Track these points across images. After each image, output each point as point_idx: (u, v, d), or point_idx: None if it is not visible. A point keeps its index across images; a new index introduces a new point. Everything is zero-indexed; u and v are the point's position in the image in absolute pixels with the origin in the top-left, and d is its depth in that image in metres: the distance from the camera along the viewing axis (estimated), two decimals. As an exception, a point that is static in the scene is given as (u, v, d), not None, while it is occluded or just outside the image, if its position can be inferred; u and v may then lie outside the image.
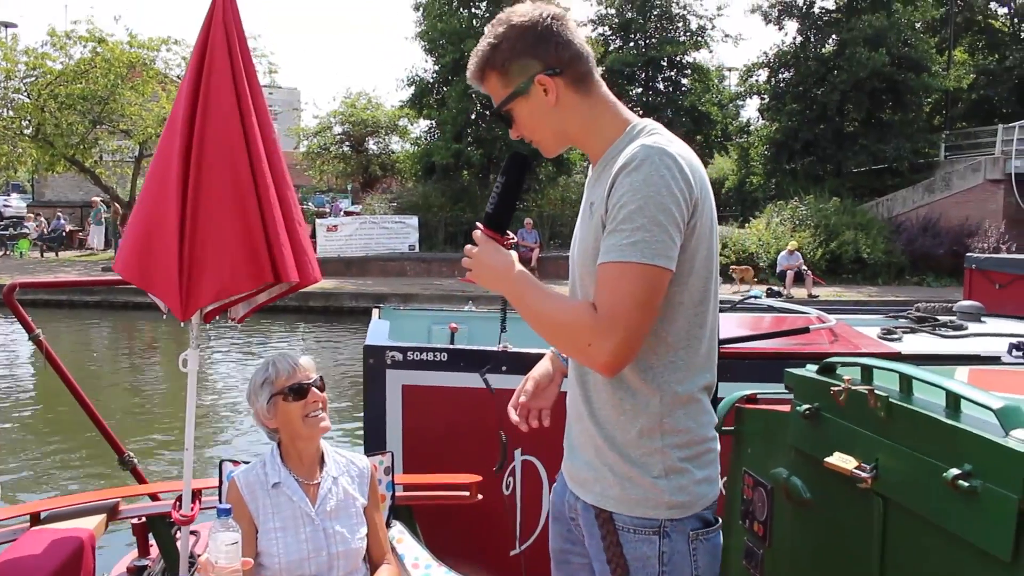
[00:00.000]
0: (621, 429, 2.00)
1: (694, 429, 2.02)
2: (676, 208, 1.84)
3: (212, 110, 3.02)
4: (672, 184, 1.84)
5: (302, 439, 2.84)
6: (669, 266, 1.84)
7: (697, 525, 2.03)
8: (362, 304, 19.38)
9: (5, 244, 30.73)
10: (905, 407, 2.15)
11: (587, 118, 2.05)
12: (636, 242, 1.81)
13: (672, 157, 1.86)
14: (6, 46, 27.59)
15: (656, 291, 1.85)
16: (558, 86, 2.01)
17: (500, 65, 2.02)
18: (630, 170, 1.85)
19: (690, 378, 2.01)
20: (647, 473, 1.98)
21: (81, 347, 17.18)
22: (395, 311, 5.97)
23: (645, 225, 1.81)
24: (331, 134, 34.31)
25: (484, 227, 2.07)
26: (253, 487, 2.81)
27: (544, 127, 2.07)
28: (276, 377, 2.82)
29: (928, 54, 29.42)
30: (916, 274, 24.85)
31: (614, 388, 2.00)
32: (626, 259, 1.82)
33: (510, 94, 2.03)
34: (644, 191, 1.83)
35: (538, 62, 2.00)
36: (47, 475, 8.61)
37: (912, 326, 5.30)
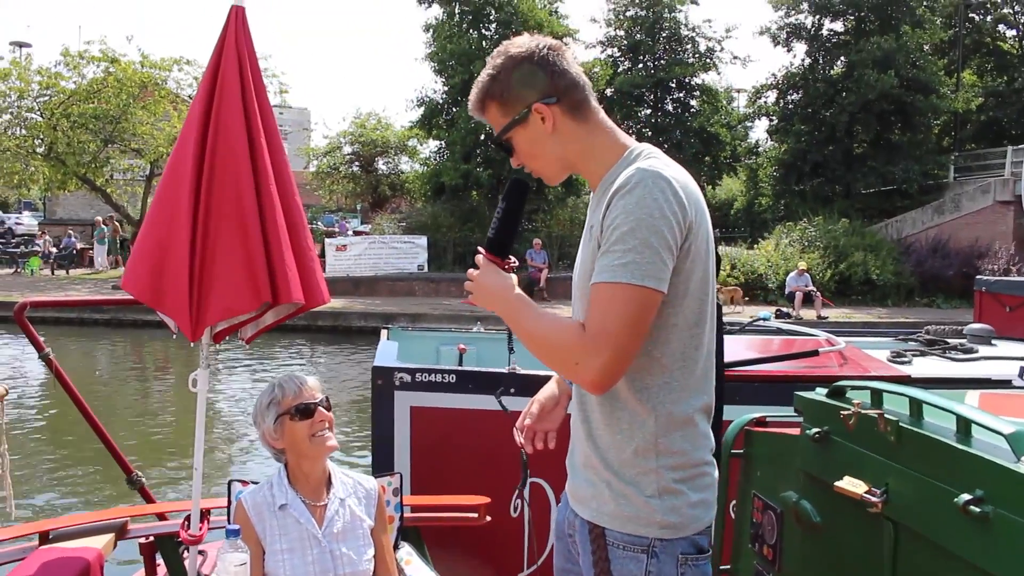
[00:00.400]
0: (617, 448, 2.03)
1: (689, 451, 2.02)
2: (669, 230, 1.87)
3: (222, 130, 3.04)
4: (665, 207, 1.87)
5: (308, 459, 2.82)
6: (660, 288, 1.87)
7: (688, 549, 2.03)
8: (371, 324, 19.40)
9: (16, 262, 30.87)
10: (915, 431, 2.15)
11: (585, 144, 2.09)
12: (627, 263, 1.85)
13: (666, 180, 1.90)
14: (20, 66, 27.83)
15: (646, 312, 1.88)
16: (555, 114, 2.05)
17: (499, 95, 2.07)
18: (624, 192, 1.89)
19: (686, 399, 2.02)
20: (640, 492, 2.00)
21: (91, 365, 17.22)
22: (404, 332, 5.98)
23: (637, 247, 1.85)
24: (341, 154, 34.41)
25: (486, 251, 2.11)
26: (260, 508, 2.79)
27: (543, 154, 2.11)
28: (283, 397, 2.82)
29: (937, 76, 29.46)
30: (926, 296, 24.79)
31: (611, 408, 2.03)
32: (616, 280, 1.85)
33: (509, 123, 2.07)
34: (637, 213, 1.86)
35: (534, 91, 2.05)
36: (56, 494, 8.61)
37: (922, 349, 5.29)
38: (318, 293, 3.21)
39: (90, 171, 27.81)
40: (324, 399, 2.87)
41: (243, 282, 3.00)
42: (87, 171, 27.69)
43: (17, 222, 43.02)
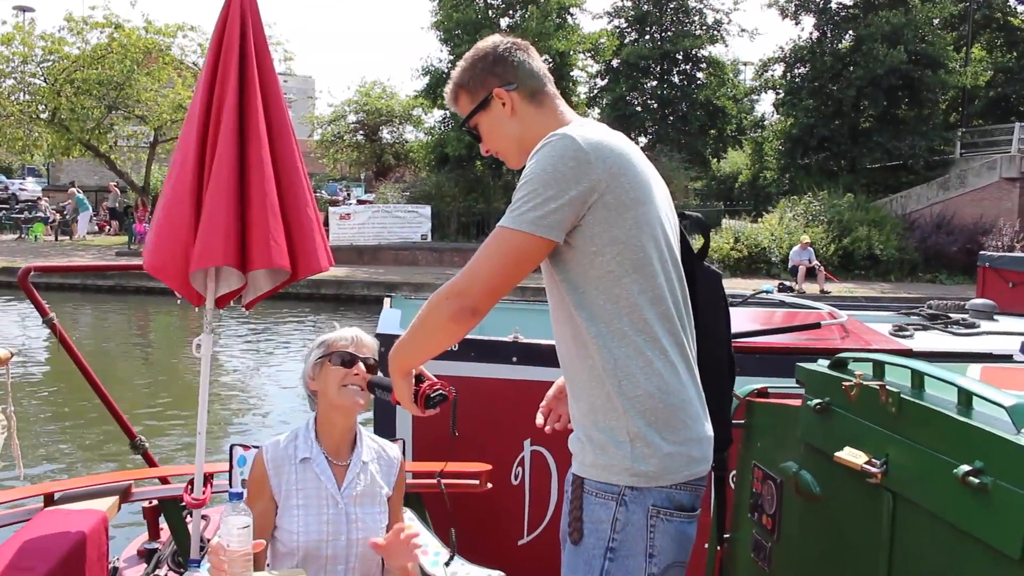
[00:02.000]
0: (591, 395, 2.10)
1: (656, 395, 2.05)
2: (563, 181, 1.99)
3: (226, 99, 3.04)
4: (560, 161, 2.00)
5: (335, 409, 2.79)
6: (542, 234, 2.00)
7: (663, 502, 2.05)
8: (374, 293, 19.44)
9: (20, 228, 30.89)
10: (917, 403, 2.15)
11: (540, 126, 2.22)
12: (513, 211, 2.01)
13: (570, 138, 2.03)
14: (23, 30, 27.66)
15: (521, 255, 2.02)
16: (513, 99, 2.26)
17: (467, 83, 2.31)
18: (531, 156, 2.07)
19: (639, 343, 2.06)
20: (612, 439, 2.06)
21: (95, 331, 17.28)
22: (406, 300, 5.98)
23: (525, 197, 2.01)
24: (345, 123, 34.32)
25: None
26: (279, 462, 2.77)
27: (503, 136, 2.30)
28: (335, 340, 2.83)
29: (945, 51, 29.29)
30: (929, 271, 24.76)
31: (584, 356, 2.11)
32: (502, 224, 2.02)
33: (474, 108, 2.30)
34: (534, 168, 2.03)
35: (496, 79, 2.26)
36: (60, 457, 8.68)
37: (924, 323, 5.29)
38: (314, 260, 3.21)
39: (94, 137, 27.75)
40: (370, 359, 2.83)
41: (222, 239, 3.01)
42: (91, 137, 27.64)
43: (21, 188, 43.01)
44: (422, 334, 2.17)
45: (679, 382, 2.10)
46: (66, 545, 2.95)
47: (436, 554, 3.14)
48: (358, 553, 2.75)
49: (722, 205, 32.61)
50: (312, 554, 2.71)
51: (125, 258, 23.92)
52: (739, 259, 23.86)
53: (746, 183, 36.44)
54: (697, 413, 2.14)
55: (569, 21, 29.83)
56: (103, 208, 33.56)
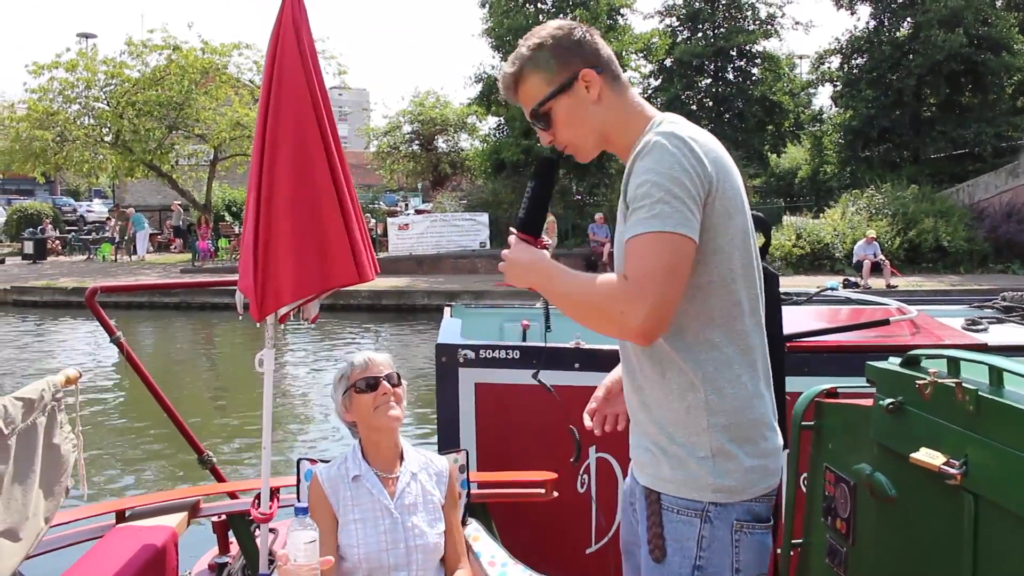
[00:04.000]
0: (669, 410, 2.03)
1: (741, 410, 2.01)
2: (691, 182, 1.89)
3: (282, 116, 3.06)
4: (684, 160, 1.90)
5: (376, 430, 2.92)
6: (691, 235, 1.88)
7: (744, 516, 2.01)
8: (435, 302, 19.52)
9: (89, 248, 31.63)
10: (996, 400, 2.08)
11: (622, 116, 2.12)
12: (656, 214, 1.86)
13: (681, 139, 1.93)
14: (87, 56, 28.36)
15: (681, 259, 1.88)
16: (599, 83, 2.09)
17: (543, 64, 2.10)
18: (643, 154, 1.94)
19: (730, 356, 2.02)
20: (693, 454, 2.00)
21: (161, 348, 17.62)
22: (467, 309, 5.98)
23: (663, 198, 1.87)
24: (400, 133, 34.61)
25: (517, 231, 2.17)
26: (335, 481, 2.89)
27: (582, 125, 2.13)
28: (351, 372, 2.95)
29: (1009, 33, 28.58)
30: (1000, 262, 24.11)
31: (660, 370, 2.04)
32: (649, 229, 1.86)
33: (554, 90, 2.10)
34: (656, 168, 1.90)
35: (580, 60, 2.09)
36: (131, 473, 8.83)
37: (998, 316, 5.12)
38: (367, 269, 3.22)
39: (156, 158, 28.35)
40: (391, 374, 2.95)
41: (315, 263, 3.04)
42: (153, 158, 28.24)
43: (88, 209, 44.12)
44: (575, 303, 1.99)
45: (761, 394, 2.07)
46: (138, 561, 3.00)
47: (504, 565, 3.11)
48: (418, 559, 2.85)
49: (782, 202, 32.14)
50: (374, 565, 2.81)
51: (189, 275, 24.35)
52: (801, 256, 23.50)
53: (806, 178, 35.91)
54: (773, 424, 2.11)
55: (620, 22, 29.69)
56: (167, 227, 34.25)
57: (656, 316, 1.85)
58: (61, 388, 2.94)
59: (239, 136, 27.84)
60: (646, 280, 1.84)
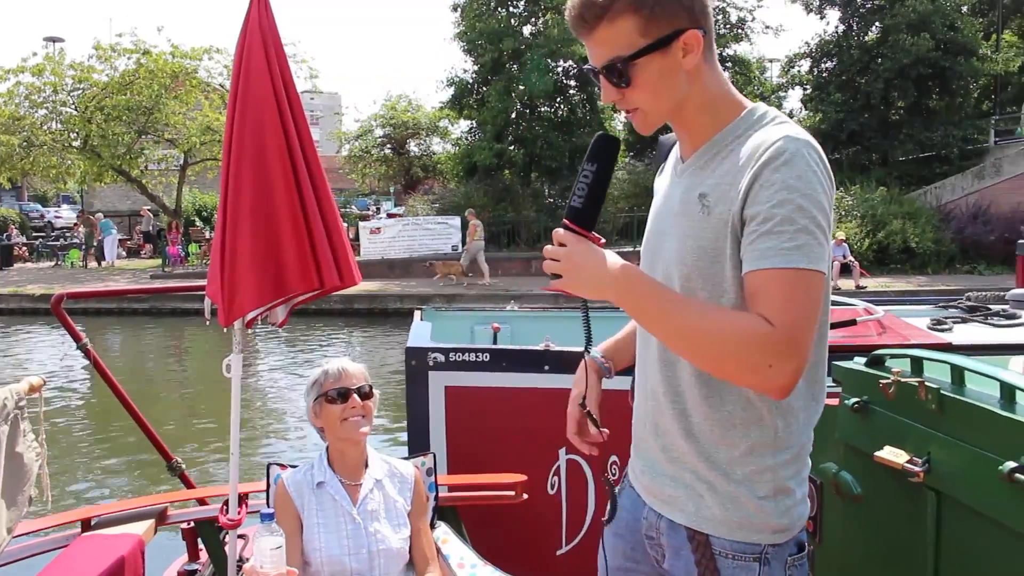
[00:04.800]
0: (728, 445, 1.78)
1: (805, 443, 1.82)
2: (829, 207, 1.65)
3: (248, 119, 3.04)
4: (823, 181, 1.65)
5: (341, 441, 2.96)
6: (827, 271, 1.65)
7: (794, 550, 1.83)
8: (407, 306, 19.46)
9: (57, 255, 31.31)
10: (958, 399, 2.10)
11: (709, 93, 1.79)
12: (800, 246, 1.59)
13: (818, 152, 1.67)
14: (54, 60, 28.09)
15: (820, 300, 1.64)
16: (699, 50, 1.73)
17: (649, 6, 1.67)
18: (779, 165, 1.62)
19: (807, 386, 1.79)
20: (754, 494, 1.77)
21: (130, 354, 17.45)
22: (437, 312, 5.97)
23: (807, 227, 1.60)
24: (372, 137, 34.52)
25: (571, 223, 1.75)
26: (300, 485, 2.94)
27: (667, 93, 1.75)
28: (324, 380, 2.97)
29: (975, 38, 28.88)
30: (967, 263, 24.38)
31: (720, 400, 1.78)
32: (792, 265, 1.59)
33: (651, 44, 1.69)
34: (802, 189, 1.60)
35: (687, 14, 1.70)
36: (97, 482, 8.74)
37: (963, 316, 5.18)
38: (352, 273, 3.21)
39: (125, 162, 28.11)
40: (363, 386, 2.98)
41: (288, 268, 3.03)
42: (122, 163, 28.00)
43: (56, 215, 43.68)
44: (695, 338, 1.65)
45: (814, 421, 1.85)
46: (104, 571, 2.96)
47: (473, 567, 3.11)
48: (381, 564, 2.88)
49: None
50: (336, 569, 2.85)
51: (159, 281, 24.15)
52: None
53: (777, 180, 36.08)
54: None
55: (592, 27, 29.71)
56: (137, 232, 33.97)
57: (802, 369, 1.61)
58: (24, 396, 2.90)
59: (209, 141, 27.65)
60: (801, 332, 1.59)
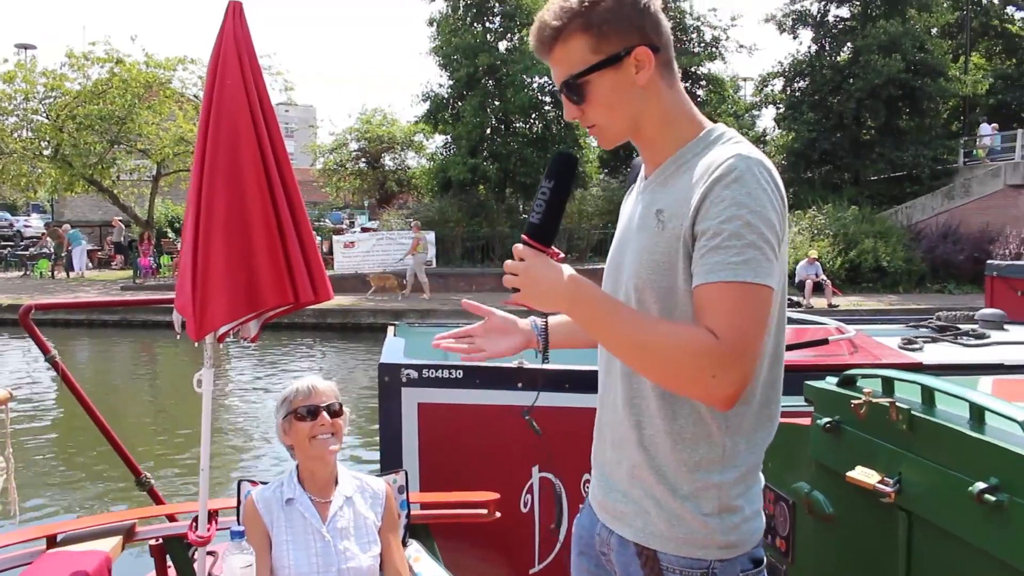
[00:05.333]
0: (677, 460, 1.80)
1: (751, 462, 1.83)
2: (779, 224, 1.68)
3: (222, 129, 3.02)
4: (774, 198, 1.68)
5: (310, 459, 2.95)
6: (776, 286, 1.68)
7: (747, 565, 1.83)
8: (380, 320, 19.40)
9: (25, 264, 30.97)
10: (928, 420, 2.12)
11: (666, 110, 1.84)
12: (747, 260, 1.63)
13: (768, 170, 1.71)
14: (25, 68, 27.83)
15: (767, 313, 1.67)
16: (652, 67, 1.79)
17: (597, 26, 1.75)
18: (729, 182, 1.66)
19: (758, 411, 1.82)
20: (698, 510, 1.79)
21: (100, 366, 17.27)
22: (410, 328, 5.95)
23: (755, 242, 1.63)
24: (347, 151, 34.45)
25: (529, 238, 1.80)
26: (269, 502, 2.92)
27: (621, 110, 1.82)
28: (294, 397, 2.96)
29: (944, 59, 29.32)
30: (937, 282, 24.70)
31: (673, 414, 1.80)
32: (739, 279, 1.62)
33: (601, 61, 1.76)
34: (750, 205, 1.64)
35: (638, 33, 1.77)
36: (63, 496, 8.60)
37: (933, 335, 5.23)
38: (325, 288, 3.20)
39: (97, 172, 27.85)
40: (333, 404, 2.97)
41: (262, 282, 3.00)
42: (94, 172, 27.73)
43: (26, 224, 43.21)
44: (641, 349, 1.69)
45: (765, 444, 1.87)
46: (70, 588, 2.92)
47: (445, 585, 3.10)
48: None
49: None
50: None
51: (129, 293, 23.95)
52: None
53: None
54: None
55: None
56: (108, 243, 33.68)
57: (747, 381, 1.65)
58: (-9, 409, 2.87)
59: (183, 152, 27.45)
60: (743, 342, 1.61)
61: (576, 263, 24.69)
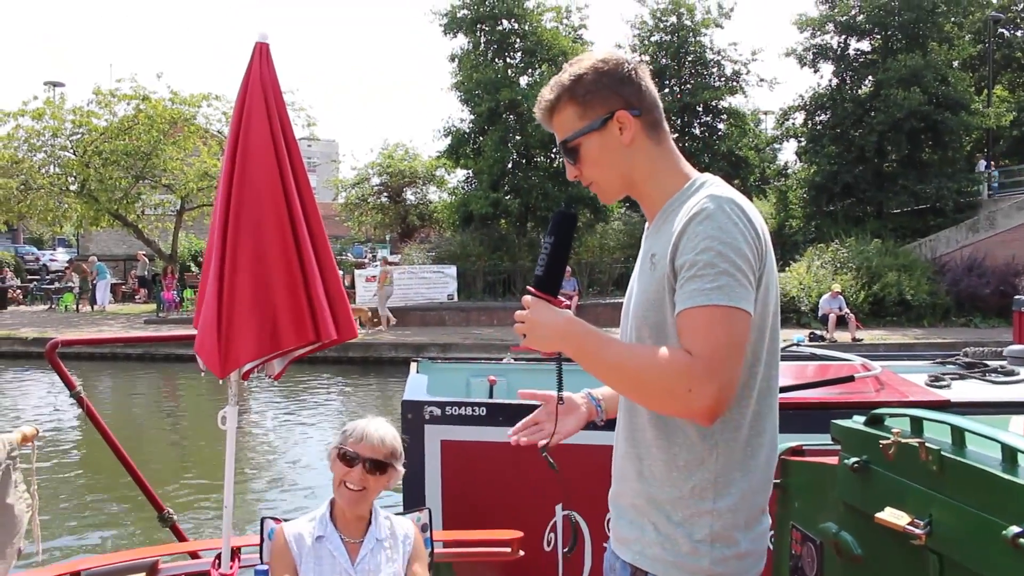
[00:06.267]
0: (671, 486, 1.92)
1: (748, 494, 1.91)
2: (752, 255, 1.83)
3: (248, 169, 3.05)
4: (746, 232, 1.83)
5: (339, 498, 2.93)
6: (751, 312, 1.80)
7: None
8: (401, 354, 19.42)
9: (51, 298, 31.24)
10: (959, 460, 2.09)
11: (654, 165, 2.04)
12: (721, 286, 1.77)
13: (740, 207, 1.86)
14: (54, 105, 28.26)
15: (744, 335, 1.80)
16: (634, 127, 2.00)
17: (581, 96, 2.00)
18: (702, 219, 1.83)
19: (747, 435, 1.93)
20: (690, 536, 1.88)
21: (123, 401, 17.34)
22: (433, 364, 5.96)
23: (727, 270, 1.78)
24: (369, 185, 34.66)
25: (535, 289, 1.99)
26: (300, 537, 2.89)
27: (611, 167, 2.04)
28: (347, 436, 2.93)
29: (967, 92, 29.21)
30: (962, 315, 24.44)
31: (668, 442, 1.92)
32: (713, 302, 1.77)
33: (586, 127, 2.01)
34: (721, 237, 1.80)
35: (619, 99, 2.00)
36: (88, 532, 8.62)
37: (961, 372, 5.18)
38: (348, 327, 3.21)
39: (122, 207, 28.14)
40: (378, 461, 2.88)
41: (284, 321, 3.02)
42: (119, 207, 28.02)
43: (52, 259, 43.66)
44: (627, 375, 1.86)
45: (769, 478, 1.99)
46: (92, 626, 2.91)
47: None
48: None
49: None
50: None
51: (153, 327, 24.09)
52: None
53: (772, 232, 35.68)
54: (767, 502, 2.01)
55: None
56: (132, 277, 33.94)
57: (725, 396, 1.76)
58: (17, 446, 2.88)
59: (206, 187, 27.70)
60: (716, 358, 1.74)
61: (597, 296, 24.73)
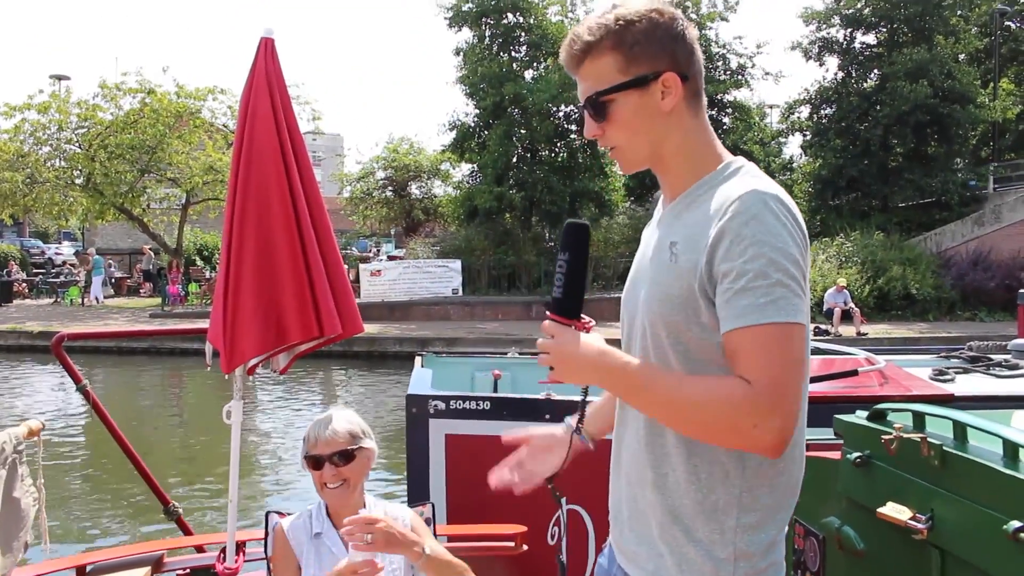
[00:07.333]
0: (693, 501, 1.73)
1: (773, 509, 1.74)
2: (802, 257, 1.63)
3: (254, 164, 3.06)
4: (794, 232, 1.63)
5: (326, 499, 2.89)
6: (807, 322, 1.62)
7: None
8: (406, 349, 19.43)
9: (56, 292, 31.33)
10: (960, 456, 2.10)
11: (687, 139, 1.79)
12: (775, 299, 1.57)
13: (785, 204, 1.65)
14: (59, 98, 28.25)
15: (803, 351, 1.61)
16: (679, 93, 1.75)
17: (628, 45, 1.72)
18: (747, 219, 1.61)
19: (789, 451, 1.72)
20: (710, 555, 1.71)
21: (129, 395, 17.38)
22: (438, 358, 5.97)
23: (781, 280, 1.58)
24: (374, 179, 34.69)
25: (554, 315, 1.76)
26: (298, 534, 2.89)
27: (643, 133, 1.78)
28: (308, 441, 2.88)
29: (972, 86, 29.15)
30: (967, 309, 24.41)
31: (687, 454, 1.73)
32: (769, 320, 1.57)
33: (627, 81, 1.73)
34: (771, 243, 1.59)
35: (670, 58, 1.74)
36: (93, 526, 8.66)
37: (965, 366, 5.18)
38: (355, 321, 3.22)
39: (127, 201, 28.20)
40: (344, 451, 2.84)
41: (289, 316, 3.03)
42: (124, 201, 28.08)
43: (57, 252, 43.75)
44: (680, 409, 1.64)
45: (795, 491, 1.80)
46: (99, 619, 2.93)
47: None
48: None
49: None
50: None
51: (158, 321, 24.15)
52: None
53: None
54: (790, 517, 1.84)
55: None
56: (137, 270, 34.02)
57: (791, 424, 1.57)
58: (23, 440, 2.89)
59: (212, 180, 27.74)
60: (778, 385, 1.55)
61: (602, 291, 24.67)
